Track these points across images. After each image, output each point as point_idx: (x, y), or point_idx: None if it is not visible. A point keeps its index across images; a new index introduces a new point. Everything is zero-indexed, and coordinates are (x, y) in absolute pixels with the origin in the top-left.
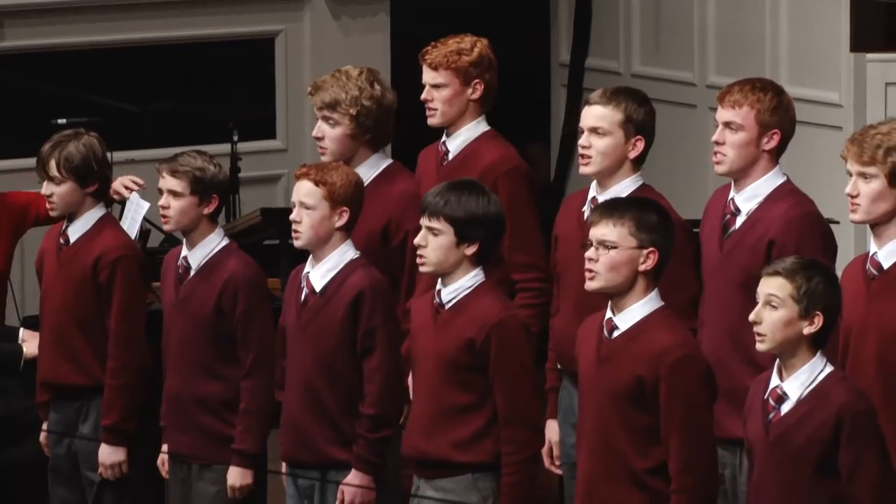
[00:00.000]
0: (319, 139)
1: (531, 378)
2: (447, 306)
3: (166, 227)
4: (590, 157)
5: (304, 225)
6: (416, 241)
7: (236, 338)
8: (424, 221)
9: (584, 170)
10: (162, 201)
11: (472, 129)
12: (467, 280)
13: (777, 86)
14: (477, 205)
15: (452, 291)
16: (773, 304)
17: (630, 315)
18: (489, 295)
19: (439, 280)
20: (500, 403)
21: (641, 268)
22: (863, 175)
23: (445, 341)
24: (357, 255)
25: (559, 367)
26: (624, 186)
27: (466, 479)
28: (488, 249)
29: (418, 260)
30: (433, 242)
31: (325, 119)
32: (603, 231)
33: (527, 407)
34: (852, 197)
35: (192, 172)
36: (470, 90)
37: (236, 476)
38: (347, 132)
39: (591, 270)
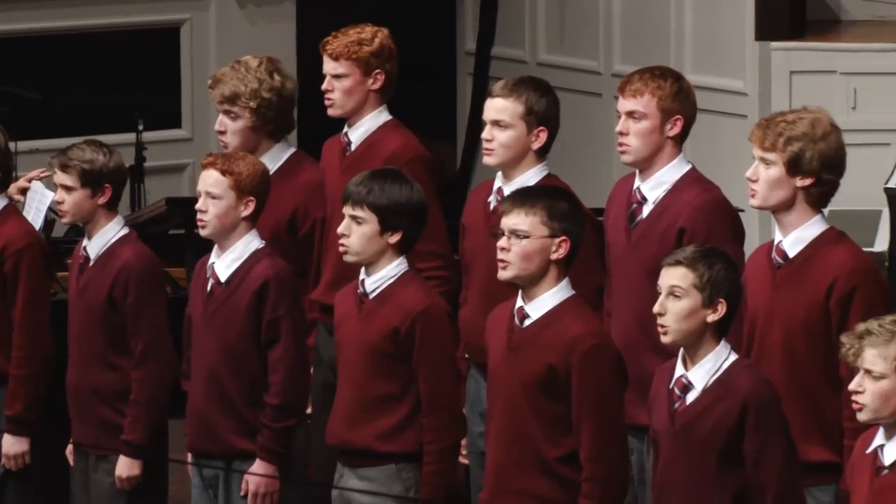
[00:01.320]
0: (221, 133)
1: (454, 367)
2: (371, 296)
3: (63, 221)
4: (492, 149)
5: (209, 214)
6: (340, 229)
7: (127, 328)
8: (348, 210)
9: (487, 160)
10: (57, 196)
11: (373, 119)
12: (391, 269)
13: (676, 72)
14: (400, 193)
15: (376, 281)
16: (677, 293)
17: (541, 304)
18: (413, 284)
19: (362, 269)
20: (423, 392)
21: (553, 256)
22: (764, 160)
23: (370, 330)
24: (262, 245)
25: (467, 356)
26: (529, 177)
27: (390, 468)
28: (411, 238)
29: (341, 249)
30: (357, 231)
31: (226, 112)
32: (515, 220)
33: (449, 395)
34: (751, 181)
35: (80, 166)
36: (370, 80)
37: (123, 467)
38: (248, 125)
39: (503, 260)
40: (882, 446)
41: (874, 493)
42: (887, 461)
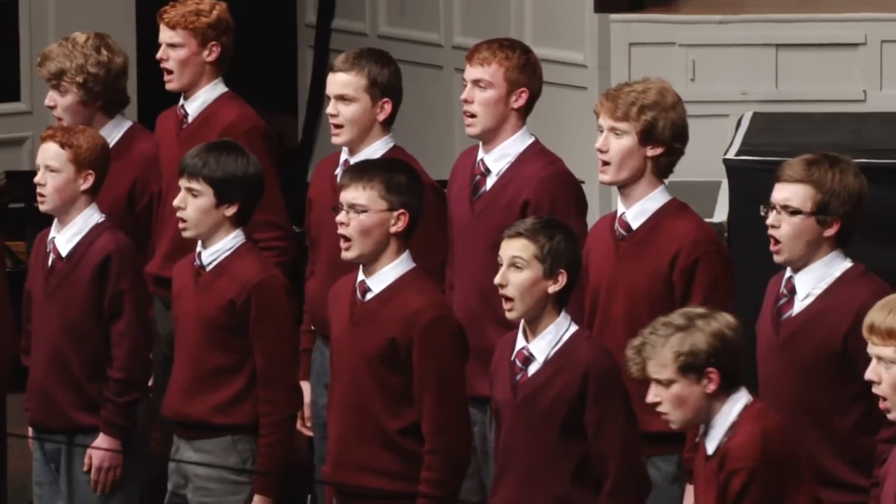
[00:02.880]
0: (52, 108)
1: (290, 339)
2: (208, 268)
3: None
4: (340, 125)
5: (48, 188)
6: (175, 202)
7: None
8: (184, 183)
9: (336, 140)
10: None
11: (209, 92)
12: (228, 241)
13: (524, 45)
14: (236, 165)
15: (213, 253)
16: (518, 265)
17: (382, 277)
18: (249, 256)
19: (199, 242)
20: (258, 364)
21: (392, 230)
22: (615, 131)
23: (206, 303)
24: (102, 219)
25: (313, 328)
26: (375, 149)
27: (226, 440)
28: (248, 210)
29: (180, 224)
30: (193, 204)
31: (54, 88)
32: (353, 194)
33: (285, 368)
34: (602, 152)
35: None
36: (206, 52)
37: None
38: (77, 100)
39: (344, 237)
40: (705, 436)
41: (705, 480)
42: (709, 450)
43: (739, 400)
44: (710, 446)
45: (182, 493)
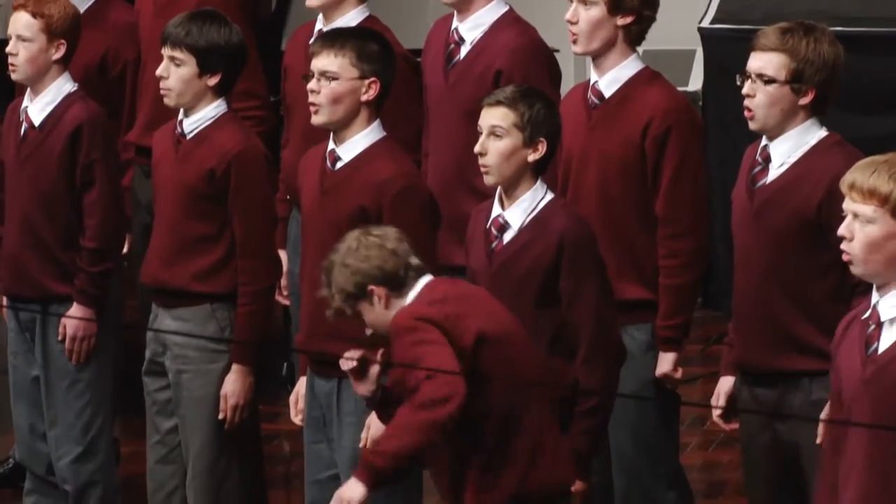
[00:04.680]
0: None
1: (269, 209)
2: (188, 136)
3: None
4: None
5: (20, 58)
6: (159, 71)
7: None
8: (167, 52)
9: (310, 3)
10: None
11: None
12: (210, 110)
13: None
14: (219, 34)
15: (194, 122)
16: (498, 133)
17: (352, 146)
18: (230, 125)
19: (181, 110)
20: (237, 234)
21: (363, 98)
22: (583, 2)
23: (186, 171)
24: (75, 88)
25: (288, 197)
26: (350, 18)
27: (204, 309)
28: (230, 80)
29: (163, 93)
30: (175, 73)
31: None
32: (324, 62)
33: (264, 237)
34: (571, 23)
35: None
36: None
37: None
38: None
39: (314, 104)
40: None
41: None
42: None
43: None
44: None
45: (160, 361)
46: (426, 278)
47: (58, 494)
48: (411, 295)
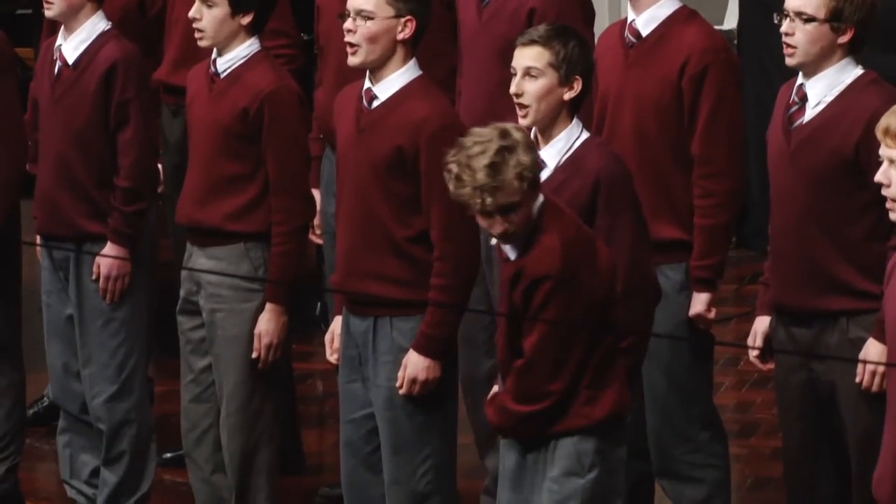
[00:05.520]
0: None
1: (303, 148)
2: (222, 75)
3: None
4: None
5: None
6: (191, 14)
7: None
8: None
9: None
10: None
11: None
12: (243, 49)
13: None
14: None
15: (228, 61)
16: (533, 73)
17: (389, 85)
18: (263, 64)
19: (214, 49)
20: (271, 173)
21: (399, 37)
22: None
23: (220, 110)
24: (109, 27)
25: (321, 136)
26: None
27: (238, 248)
28: (263, 18)
29: (196, 35)
30: (208, 14)
31: None
32: (360, 1)
33: (297, 177)
34: None
35: None
36: None
37: None
38: None
39: (350, 44)
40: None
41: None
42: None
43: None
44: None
45: (194, 300)
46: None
47: (91, 433)
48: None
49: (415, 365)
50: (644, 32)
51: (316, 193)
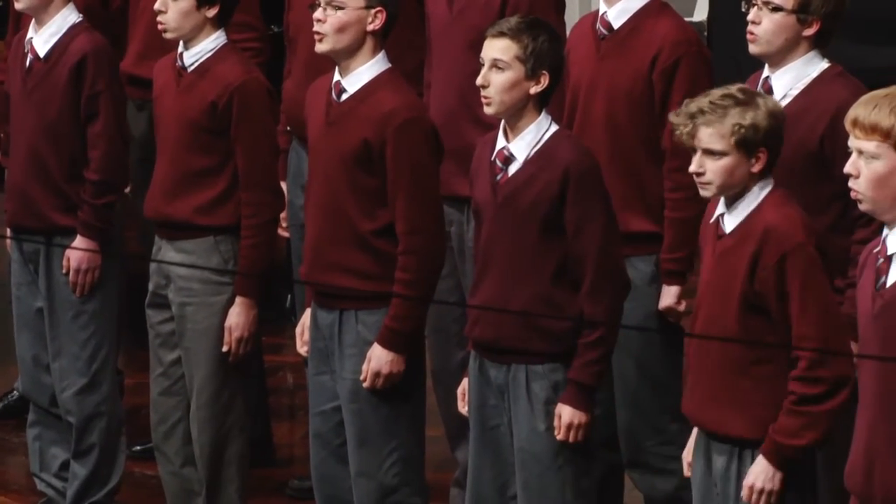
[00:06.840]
0: None
1: (272, 141)
2: (190, 69)
3: None
4: None
5: None
6: (157, 6)
7: None
8: None
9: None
10: None
11: None
12: (209, 42)
13: None
14: None
15: (195, 54)
16: (500, 66)
17: (357, 78)
18: (231, 57)
19: (181, 43)
20: (240, 166)
21: (369, 28)
22: None
23: (188, 104)
24: (80, 19)
25: (288, 129)
26: None
27: (208, 241)
28: (229, 10)
29: (160, 27)
30: (173, 7)
31: None
32: None
33: (267, 170)
34: None
35: None
36: None
37: None
38: None
39: (318, 33)
40: (722, 215)
41: (716, 257)
42: (727, 229)
43: (768, 186)
44: (730, 225)
45: (163, 294)
46: (771, 183)
47: (61, 426)
48: (763, 192)
49: (378, 358)
50: (616, 25)
51: (283, 186)
